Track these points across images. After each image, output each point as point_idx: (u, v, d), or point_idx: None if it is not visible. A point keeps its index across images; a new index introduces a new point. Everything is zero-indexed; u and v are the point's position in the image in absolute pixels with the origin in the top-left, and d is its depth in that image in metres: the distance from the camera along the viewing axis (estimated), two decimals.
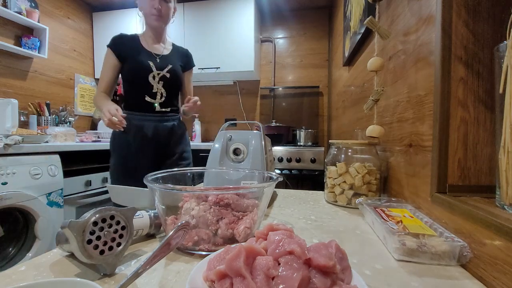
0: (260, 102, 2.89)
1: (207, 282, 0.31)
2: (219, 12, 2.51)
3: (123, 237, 0.40)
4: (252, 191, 0.49)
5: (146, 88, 1.26)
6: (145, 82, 1.25)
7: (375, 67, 0.77)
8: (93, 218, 0.37)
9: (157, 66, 1.27)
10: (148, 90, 1.27)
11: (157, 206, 0.47)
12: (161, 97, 1.30)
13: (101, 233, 0.37)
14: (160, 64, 1.29)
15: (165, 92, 1.30)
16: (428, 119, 0.57)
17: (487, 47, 0.48)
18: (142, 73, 1.25)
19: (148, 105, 1.27)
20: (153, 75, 1.27)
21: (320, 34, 2.78)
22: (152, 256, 0.34)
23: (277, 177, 0.50)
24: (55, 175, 1.68)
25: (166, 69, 1.30)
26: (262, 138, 0.76)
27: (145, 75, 1.25)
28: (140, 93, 1.26)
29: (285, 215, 0.68)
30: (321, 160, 2.11)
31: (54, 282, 0.29)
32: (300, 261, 0.28)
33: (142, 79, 1.25)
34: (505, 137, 0.37)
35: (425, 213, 0.56)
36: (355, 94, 1.47)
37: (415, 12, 0.67)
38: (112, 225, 0.39)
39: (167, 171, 0.55)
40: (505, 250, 0.34)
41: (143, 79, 1.25)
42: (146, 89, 1.26)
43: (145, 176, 0.48)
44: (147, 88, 1.26)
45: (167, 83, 1.31)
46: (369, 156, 0.76)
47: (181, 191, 0.45)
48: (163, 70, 1.28)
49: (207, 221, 0.44)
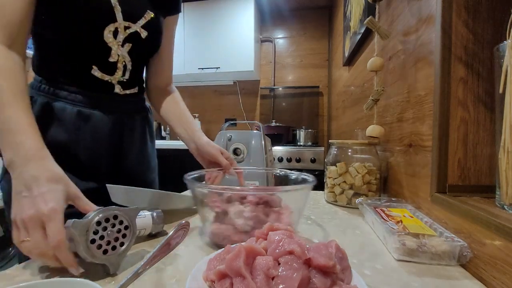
0: (260, 102, 2.89)
1: (207, 282, 0.32)
2: (219, 12, 2.51)
3: (126, 237, 0.40)
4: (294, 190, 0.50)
5: (95, 49, 0.60)
6: (95, 40, 0.59)
7: (375, 67, 0.77)
8: (96, 217, 0.37)
9: (125, 13, 0.60)
10: (101, 54, 0.61)
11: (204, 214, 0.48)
12: (124, 72, 0.65)
13: (104, 232, 0.37)
14: (129, 8, 0.61)
15: (130, 63, 0.66)
16: (428, 119, 0.57)
17: (487, 47, 0.48)
18: (91, 22, 0.58)
19: (98, 84, 0.63)
20: (115, 28, 0.60)
21: (320, 34, 2.78)
22: (152, 256, 0.34)
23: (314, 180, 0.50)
24: None
25: (141, 19, 0.63)
26: (262, 138, 0.76)
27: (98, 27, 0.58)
28: (83, 61, 0.61)
29: None
30: (321, 160, 2.11)
31: (54, 282, 0.29)
32: (300, 261, 0.28)
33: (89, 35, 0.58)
34: (505, 137, 0.37)
35: (425, 213, 0.56)
36: (355, 94, 1.47)
37: (415, 12, 0.67)
38: (115, 224, 0.39)
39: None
40: (505, 250, 0.34)
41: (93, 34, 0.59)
42: (95, 52, 0.61)
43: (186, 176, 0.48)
44: (98, 49, 0.60)
45: (139, 47, 0.66)
46: (369, 156, 0.76)
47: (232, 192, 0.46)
48: (135, 23, 0.62)
49: (260, 220, 0.45)
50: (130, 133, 0.69)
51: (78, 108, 0.60)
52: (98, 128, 0.63)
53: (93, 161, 0.63)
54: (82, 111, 0.60)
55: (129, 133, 0.69)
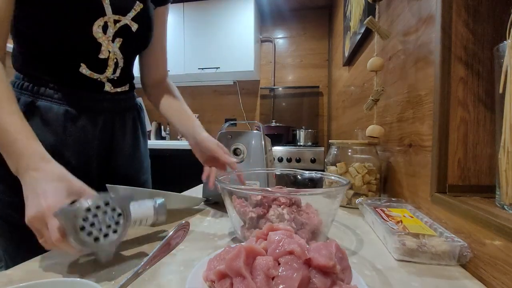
0: (260, 102, 2.89)
1: (207, 282, 0.32)
2: (219, 12, 2.51)
3: (119, 224, 0.38)
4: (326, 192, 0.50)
5: (83, 46, 0.57)
6: (83, 37, 0.55)
7: (375, 67, 0.77)
8: (85, 204, 0.35)
9: (114, 5, 0.57)
10: (90, 51, 0.57)
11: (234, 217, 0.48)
12: (115, 70, 0.62)
13: (95, 219, 0.36)
14: (118, 0, 0.57)
15: (122, 60, 0.62)
16: (428, 119, 0.57)
17: (487, 47, 0.48)
18: (79, 17, 0.54)
19: (87, 82, 0.59)
20: (104, 22, 0.56)
21: (320, 34, 2.78)
22: (152, 256, 0.34)
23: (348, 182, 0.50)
24: None
25: (131, 12, 0.60)
26: (262, 138, 0.76)
27: (87, 22, 0.55)
28: (70, 59, 0.57)
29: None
30: (321, 160, 2.11)
31: (54, 282, 0.28)
32: (300, 261, 0.28)
33: (77, 30, 0.55)
34: (505, 137, 0.37)
35: (425, 213, 0.56)
36: (355, 94, 1.47)
37: (415, 12, 0.67)
38: (107, 212, 0.37)
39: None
40: (505, 250, 0.34)
41: (81, 30, 0.55)
42: (84, 50, 0.57)
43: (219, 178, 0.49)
44: (87, 46, 0.57)
45: (131, 41, 0.62)
46: (369, 156, 0.76)
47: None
48: (124, 15, 0.59)
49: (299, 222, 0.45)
50: (121, 132, 0.66)
51: (65, 107, 0.56)
52: (87, 129, 0.60)
53: (82, 163, 0.60)
54: (69, 111, 0.57)
55: (120, 132, 0.66)
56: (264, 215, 0.47)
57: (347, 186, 0.47)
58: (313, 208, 0.49)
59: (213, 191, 0.71)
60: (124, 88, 0.66)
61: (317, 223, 0.46)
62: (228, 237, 0.52)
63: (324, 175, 0.61)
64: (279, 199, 0.48)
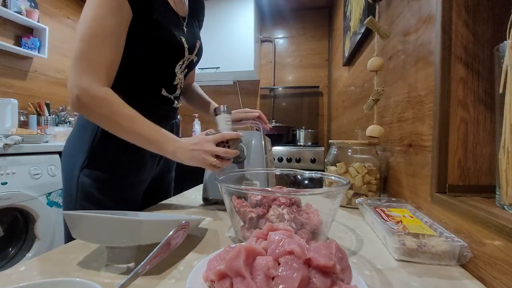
0: (260, 102, 2.89)
1: (207, 282, 0.31)
2: (219, 12, 2.51)
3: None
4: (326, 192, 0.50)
5: (166, 78, 0.75)
6: (168, 71, 0.74)
7: (375, 67, 0.77)
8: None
9: (189, 48, 0.75)
10: (169, 81, 0.76)
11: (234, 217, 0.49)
12: (179, 90, 0.82)
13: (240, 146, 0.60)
14: (190, 40, 0.76)
15: (183, 82, 0.83)
16: (428, 119, 0.57)
17: (487, 47, 0.48)
18: (171, 57, 0.73)
19: (163, 100, 0.77)
20: (182, 61, 0.76)
21: (320, 34, 2.77)
22: (152, 256, 0.34)
23: (348, 182, 0.49)
24: (55, 175, 1.68)
25: (196, 49, 0.80)
26: (262, 138, 0.76)
27: (174, 61, 0.74)
28: (158, 84, 0.74)
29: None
30: (321, 160, 2.11)
31: (54, 282, 0.28)
32: (300, 261, 0.28)
33: (167, 66, 0.74)
34: (505, 137, 0.37)
35: (425, 213, 0.56)
36: (355, 94, 1.47)
37: (415, 12, 0.67)
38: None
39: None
40: (505, 250, 0.34)
41: (167, 67, 0.74)
42: (166, 80, 0.76)
43: (218, 178, 0.51)
44: (168, 78, 0.76)
45: (190, 70, 0.84)
46: (369, 156, 0.76)
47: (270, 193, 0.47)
48: (192, 53, 0.78)
49: (298, 221, 0.46)
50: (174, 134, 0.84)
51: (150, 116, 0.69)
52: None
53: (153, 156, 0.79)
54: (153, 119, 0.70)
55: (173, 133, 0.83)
56: (264, 215, 0.47)
57: (347, 186, 0.47)
58: (313, 208, 0.49)
59: (213, 191, 0.71)
60: (181, 103, 0.88)
61: (317, 223, 0.46)
62: (228, 237, 0.52)
63: (324, 175, 0.61)
64: (279, 199, 0.48)
